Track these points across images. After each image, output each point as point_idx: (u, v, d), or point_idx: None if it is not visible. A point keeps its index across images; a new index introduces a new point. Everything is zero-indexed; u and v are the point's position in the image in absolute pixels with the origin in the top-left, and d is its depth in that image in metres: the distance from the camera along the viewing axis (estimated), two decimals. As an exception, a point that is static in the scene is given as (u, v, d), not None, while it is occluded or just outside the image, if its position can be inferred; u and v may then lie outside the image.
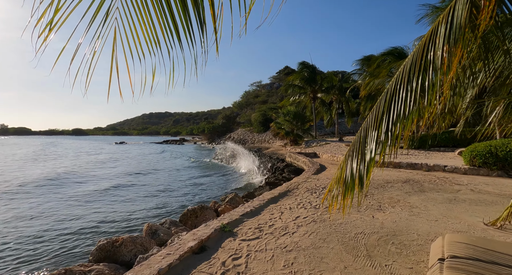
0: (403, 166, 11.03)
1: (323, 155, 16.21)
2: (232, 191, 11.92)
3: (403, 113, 2.43)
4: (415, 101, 2.40)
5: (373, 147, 2.60)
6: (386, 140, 2.50)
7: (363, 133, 2.88)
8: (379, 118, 2.66)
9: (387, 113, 2.58)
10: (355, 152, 2.88)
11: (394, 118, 2.46)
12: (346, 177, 2.78)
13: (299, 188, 6.80)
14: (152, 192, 11.49)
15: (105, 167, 21.63)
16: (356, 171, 2.87)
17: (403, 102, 2.49)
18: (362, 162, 2.79)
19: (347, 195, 2.74)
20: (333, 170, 9.93)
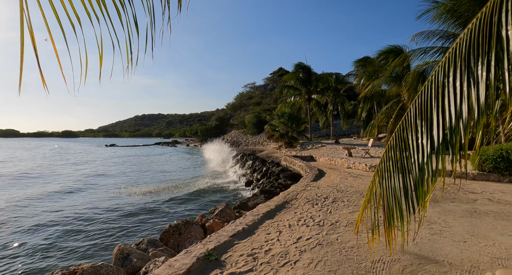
0: (406, 170, 10.39)
1: (320, 158, 15.49)
2: (222, 197, 11.06)
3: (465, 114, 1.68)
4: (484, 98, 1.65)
5: (423, 159, 1.86)
6: (442, 150, 1.76)
7: (403, 141, 2.14)
8: (427, 123, 1.91)
9: (439, 115, 1.83)
10: (397, 165, 2.12)
11: (453, 123, 1.71)
12: (387, 200, 2.03)
13: (298, 198, 6.02)
14: (134, 204, 10.55)
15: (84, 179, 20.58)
16: (400, 191, 2.13)
17: (462, 100, 1.74)
18: (413, 179, 2.04)
19: (392, 225, 1.98)
20: (333, 176, 9.19)
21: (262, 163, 15.85)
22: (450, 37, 12.31)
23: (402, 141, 2.23)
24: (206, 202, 10.04)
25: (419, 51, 11.85)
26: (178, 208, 9.50)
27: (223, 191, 12.74)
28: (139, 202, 10.97)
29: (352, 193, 6.51)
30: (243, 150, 29.87)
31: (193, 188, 13.72)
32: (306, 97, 27.59)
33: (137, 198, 11.70)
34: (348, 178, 8.58)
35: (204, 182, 15.72)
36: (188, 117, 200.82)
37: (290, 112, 26.61)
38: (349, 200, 5.89)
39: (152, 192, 13.19)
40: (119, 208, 10.05)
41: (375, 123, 19.79)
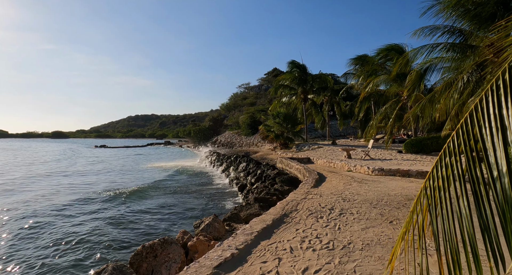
0: (412, 174, 9.57)
1: (318, 161, 14.64)
2: (211, 204, 10.03)
3: None
4: None
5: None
6: None
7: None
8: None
9: None
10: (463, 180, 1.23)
11: None
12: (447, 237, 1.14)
13: (299, 210, 5.11)
14: (98, 212, 9.46)
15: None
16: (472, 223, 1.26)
17: None
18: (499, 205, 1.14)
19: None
20: (335, 181, 8.31)
21: (257, 165, 14.93)
22: (456, 32, 11.64)
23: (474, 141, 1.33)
24: (192, 211, 8.99)
25: (427, 48, 11.07)
26: (156, 219, 8.35)
27: (213, 197, 11.76)
28: (105, 208, 9.89)
29: (360, 202, 5.63)
30: (236, 151, 28.91)
31: (177, 193, 12.70)
32: (302, 97, 26.78)
33: (102, 204, 10.60)
34: (352, 184, 7.71)
35: (191, 185, 14.69)
36: (182, 118, 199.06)
37: (286, 112, 25.76)
38: (359, 211, 5.01)
39: (126, 195, 12.11)
40: (78, 215, 8.93)
41: (374, 124, 19.06)
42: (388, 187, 7.26)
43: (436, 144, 15.34)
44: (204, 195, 12.22)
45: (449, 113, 11.83)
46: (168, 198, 11.81)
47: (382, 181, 8.31)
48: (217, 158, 24.25)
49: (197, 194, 12.33)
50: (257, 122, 40.33)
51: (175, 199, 11.54)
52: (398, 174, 9.77)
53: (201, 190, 13.31)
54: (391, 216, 4.75)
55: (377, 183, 7.96)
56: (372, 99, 25.03)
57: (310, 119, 30.13)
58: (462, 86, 10.16)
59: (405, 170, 9.77)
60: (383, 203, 5.57)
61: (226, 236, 5.02)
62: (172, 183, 15.91)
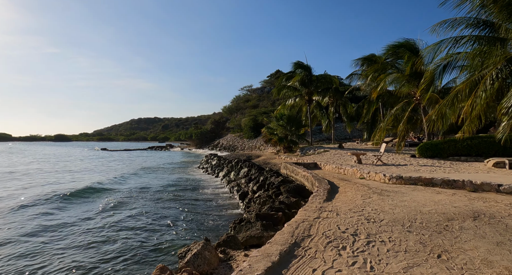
0: (437, 183, 8.38)
1: (326, 166, 13.48)
2: (205, 220, 8.69)
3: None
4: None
5: None
6: None
7: None
8: None
9: None
10: None
11: None
12: None
13: (313, 236, 3.97)
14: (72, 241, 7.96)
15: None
16: None
17: None
18: None
19: None
20: (350, 191, 7.16)
21: (259, 171, 13.80)
22: (480, 25, 10.50)
23: None
24: (179, 228, 7.53)
25: (449, 41, 9.92)
26: (129, 242, 6.42)
27: (209, 207, 10.61)
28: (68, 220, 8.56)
29: (389, 224, 4.48)
30: (238, 155, 27.80)
31: (164, 201, 11.31)
32: (307, 99, 25.67)
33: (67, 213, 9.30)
34: (372, 196, 6.55)
35: (185, 192, 13.52)
36: (185, 121, 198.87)
37: (290, 114, 24.65)
38: (391, 238, 3.86)
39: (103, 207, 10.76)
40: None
41: (383, 127, 17.87)
42: (416, 200, 6.09)
43: (453, 148, 14.12)
44: (199, 205, 11.09)
45: (472, 114, 10.67)
46: (151, 207, 10.46)
47: (405, 192, 7.14)
48: (217, 162, 23.16)
49: (190, 204, 11.19)
50: (259, 125, 39.24)
51: (160, 209, 10.24)
52: (420, 183, 8.59)
53: (197, 198, 12.19)
54: (436, 246, 3.59)
55: (400, 194, 6.80)
56: (380, 101, 23.86)
57: (315, 121, 28.98)
58: (491, 83, 9.00)
59: (428, 178, 8.58)
60: (417, 224, 4.42)
61: (219, 270, 3.89)
62: (161, 187, 14.81)
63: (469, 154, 13.90)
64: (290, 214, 6.12)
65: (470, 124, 11.06)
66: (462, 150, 13.96)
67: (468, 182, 7.78)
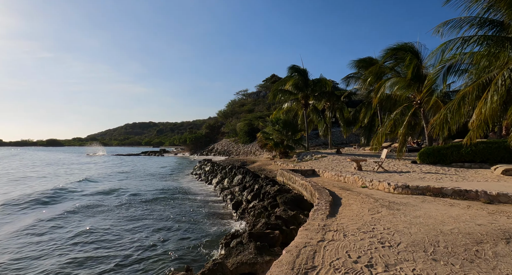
0: (447, 193, 7.68)
1: (324, 173, 12.74)
2: (191, 236, 7.75)
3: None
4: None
5: None
6: None
7: None
8: None
9: None
10: None
11: None
12: None
13: (319, 269, 3.19)
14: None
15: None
16: None
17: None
18: None
19: None
20: (355, 204, 6.39)
21: (254, 179, 13.00)
22: (486, 25, 9.97)
23: None
24: (158, 250, 6.46)
25: (456, 42, 9.34)
26: (97, 264, 5.59)
27: (199, 219, 9.74)
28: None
29: (409, 249, 3.72)
30: (233, 160, 26.95)
31: (144, 215, 10.15)
32: (303, 103, 25.05)
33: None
34: (381, 210, 5.80)
35: (172, 204, 12.45)
36: (180, 126, 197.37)
37: (286, 119, 23.96)
38: (416, 271, 3.10)
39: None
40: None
41: (383, 132, 17.24)
42: (431, 215, 5.35)
43: (457, 154, 13.51)
44: (187, 216, 10.23)
45: (480, 118, 10.07)
46: (121, 221, 9.32)
47: (415, 204, 6.42)
48: (211, 168, 22.29)
49: (178, 214, 10.32)
50: (255, 129, 38.51)
51: (136, 222, 9.20)
52: (429, 193, 7.88)
53: (185, 209, 11.32)
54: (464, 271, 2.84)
55: (410, 207, 6.07)
56: (378, 105, 23.35)
57: (311, 126, 28.34)
58: (502, 85, 8.40)
59: (437, 187, 7.88)
60: (442, 249, 3.67)
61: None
62: (144, 195, 13.89)
63: (473, 160, 13.30)
64: (288, 232, 5.33)
65: (477, 129, 10.43)
66: (466, 156, 13.35)
67: (482, 192, 7.09)
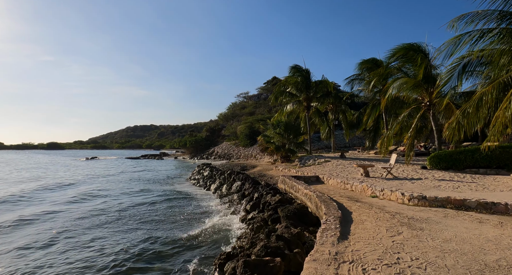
0: (471, 205, 6.78)
1: (329, 180, 11.84)
2: (179, 258, 6.85)
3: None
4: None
5: None
6: None
7: None
8: None
9: None
10: None
11: None
12: None
13: None
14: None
15: None
16: None
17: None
18: None
19: None
20: (368, 222, 5.50)
21: (254, 186, 12.13)
22: (506, 18, 9.13)
23: None
24: (144, 265, 5.85)
25: (473, 35, 8.51)
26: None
27: (193, 231, 8.88)
28: None
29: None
30: (233, 164, 26.08)
31: (130, 228, 9.36)
32: (305, 105, 24.21)
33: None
34: (401, 229, 4.91)
35: (165, 212, 11.60)
36: (181, 128, 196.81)
37: (287, 122, 23.12)
38: None
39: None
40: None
41: (390, 135, 16.36)
42: (464, 238, 4.46)
43: (471, 159, 12.60)
44: (180, 228, 9.36)
45: (499, 120, 9.20)
46: (104, 234, 8.53)
47: (439, 221, 5.53)
48: (209, 173, 21.43)
49: (169, 230, 9.46)
50: (256, 132, 37.67)
51: (118, 236, 8.40)
52: (450, 205, 6.98)
53: (179, 219, 10.46)
54: None
55: (434, 225, 5.18)
56: (383, 107, 22.47)
57: (313, 129, 27.48)
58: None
59: (459, 199, 6.98)
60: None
61: None
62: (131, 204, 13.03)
63: (489, 166, 12.38)
64: (292, 257, 4.46)
65: (495, 133, 9.53)
66: (481, 161, 12.44)
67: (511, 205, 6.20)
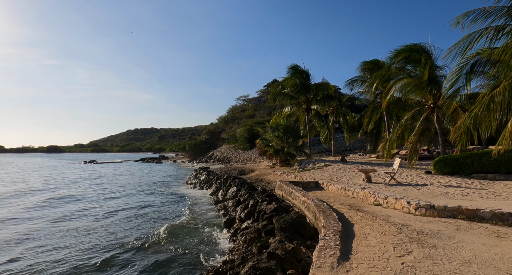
0: (485, 216, 6.15)
1: (329, 186, 11.21)
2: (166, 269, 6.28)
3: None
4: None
5: None
6: None
7: None
8: None
9: None
10: None
11: None
12: None
13: None
14: None
15: None
16: None
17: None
18: None
19: None
20: (372, 237, 4.88)
21: (249, 192, 11.50)
22: (517, 14, 8.60)
23: None
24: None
25: (489, 30, 7.93)
26: None
27: (184, 240, 8.26)
28: None
29: None
30: (231, 168, 25.46)
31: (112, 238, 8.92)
32: (305, 107, 23.64)
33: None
34: (410, 247, 4.29)
35: (154, 217, 10.94)
36: (181, 132, 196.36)
37: (286, 124, 22.52)
38: None
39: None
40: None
41: (393, 138, 15.74)
42: (486, 259, 3.83)
43: (478, 163, 11.98)
44: (171, 237, 8.74)
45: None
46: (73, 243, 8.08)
47: (451, 234, 4.90)
48: (206, 177, 20.81)
49: (158, 242, 8.84)
50: (255, 135, 37.09)
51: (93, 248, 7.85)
52: (461, 216, 6.35)
53: (167, 224, 9.83)
54: None
55: (447, 241, 4.56)
56: (385, 109, 21.89)
57: (313, 132, 26.88)
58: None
59: (471, 209, 6.35)
60: None
61: None
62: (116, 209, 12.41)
63: (498, 171, 11.73)
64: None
65: (507, 138, 8.91)
66: (489, 166, 11.81)
67: (533, 217, 5.57)
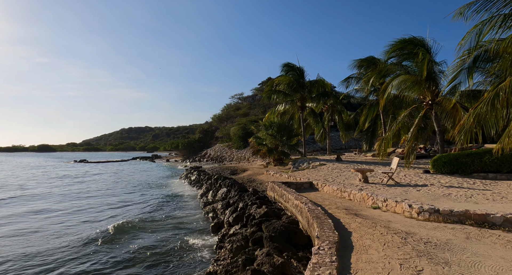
0: (495, 222, 5.56)
1: (324, 187, 10.59)
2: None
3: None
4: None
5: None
6: None
7: None
8: None
9: None
10: None
11: None
12: None
13: None
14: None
15: None
16: None
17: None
18: None
19: None
20: (373, 249, 4.23)
21: (239, 194, 10.82)
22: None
23: None
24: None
25: (499, 18, 7.35)
26: None
27: (168, 246, 7.55)
28: None
29: None
30: (223, 168, 24.72)
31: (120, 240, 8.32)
32: (299, 105, 23.01)
33: None
34: (419, 263, 3.65)
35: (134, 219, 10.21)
36: (176, 130, 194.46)
37: (280, 122, 21.87)
38: None
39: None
40: None
41: (389, 137, 15.19)
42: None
43: (479, 162, 11.48)
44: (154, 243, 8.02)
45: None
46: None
47: (462, 245, 4.29)
48: (197, 177, 20.06)
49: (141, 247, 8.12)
50: (249, 134, 36.41)
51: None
52: (469, 221, 5.75)
53: (150, 229, 9.10)
54: None
55: (461, 254, 3.93)
56: (381, 107, 21.39)
57: (308, 131, 26.26)
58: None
59: (480, 214, 5.75)
60: None
61: None
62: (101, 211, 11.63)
63: (499, 171, 11.25)
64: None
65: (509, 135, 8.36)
66: (490, 165, 11.32)
67: (550, 223, 5.00)
